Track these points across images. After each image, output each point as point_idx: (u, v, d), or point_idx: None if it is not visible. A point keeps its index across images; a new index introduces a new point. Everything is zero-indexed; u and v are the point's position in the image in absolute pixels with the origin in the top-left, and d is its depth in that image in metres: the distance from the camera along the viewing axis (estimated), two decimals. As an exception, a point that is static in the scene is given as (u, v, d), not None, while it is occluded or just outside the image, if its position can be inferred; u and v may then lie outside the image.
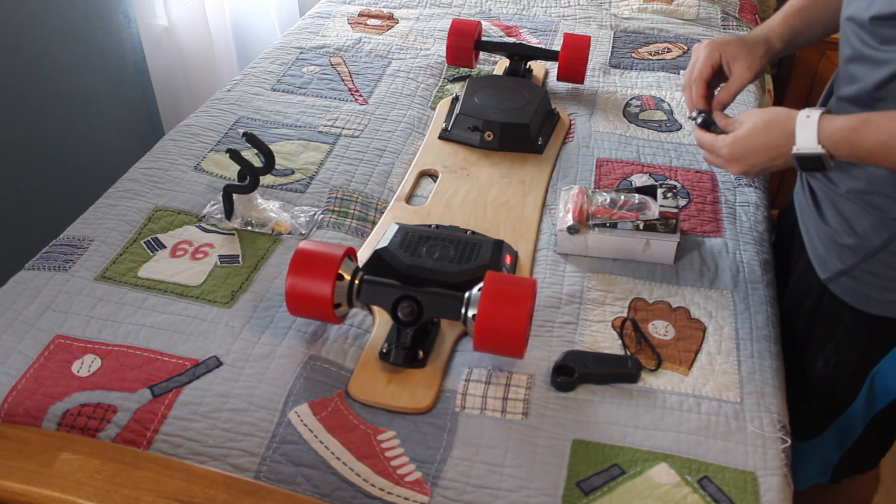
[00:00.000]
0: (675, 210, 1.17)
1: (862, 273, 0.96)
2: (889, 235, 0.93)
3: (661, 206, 1.17)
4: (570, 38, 1.58)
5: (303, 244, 1.00)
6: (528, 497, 0.85)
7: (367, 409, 0.94)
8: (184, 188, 1.29)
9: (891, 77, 0.86)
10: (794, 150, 0.89)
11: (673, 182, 1.33)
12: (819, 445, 1.12)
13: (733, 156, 0.96)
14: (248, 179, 1.19)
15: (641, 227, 1.15)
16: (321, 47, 1.76)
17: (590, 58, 1.69)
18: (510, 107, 1.45)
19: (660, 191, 1.20)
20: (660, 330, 1.06)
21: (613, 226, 1.16)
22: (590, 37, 1.60)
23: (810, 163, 0.89)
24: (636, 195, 1.20)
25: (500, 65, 1.72)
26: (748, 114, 0.97)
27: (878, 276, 0.95)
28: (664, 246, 1.15)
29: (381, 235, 1.15)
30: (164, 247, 1.17)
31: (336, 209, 1.26)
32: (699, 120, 1.03)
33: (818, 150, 0.88)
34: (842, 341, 1.04)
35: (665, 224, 1.15)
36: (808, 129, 0.88)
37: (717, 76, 1.08)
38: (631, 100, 1.59)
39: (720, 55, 1.05)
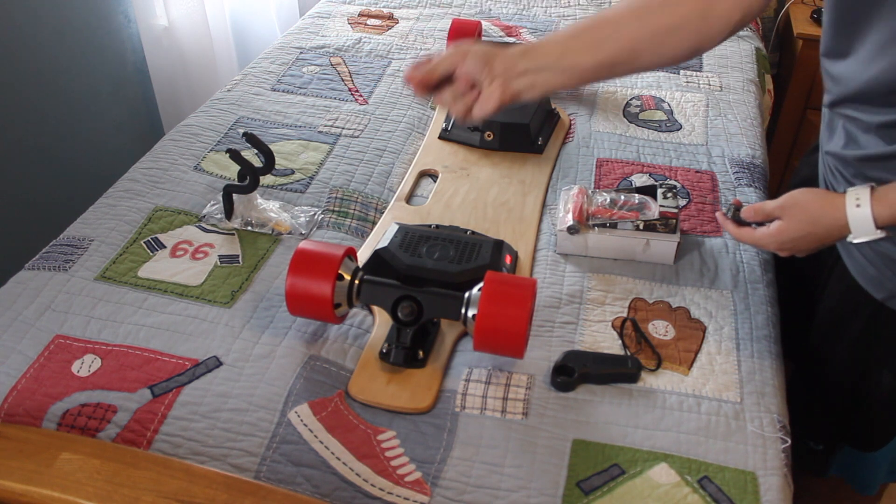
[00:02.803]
0: (675, 210, 1.17)
1: None
2: None
3: (661, 205, 1.17)
4: (570, 38, 1.58)
5: (303, 244, 1.00)
6: (528, 497, 0.85)
7: (367, 409, 0.94)
8: (184, 188, 1.29)
9: None
10: (852, 239, 0.88)
11: (673, 182, 1.33)
12: (886, 453, 1.11)
13: (782, 247, 0.96)
14: (248, 179, 1.19)
15: (641, 226, 1.15)
16: (321, 47, 1.76)
17: (590, 58, 1.68)
18: (510, 107, 1.45)
19: (660, 191, 1.20)
20: (660, 330, 1.06)
21: (613, 226, 1.16)
22: (590, 37, 1.59)
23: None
24: (636, 195, 1.20)
25: (500, 65, 1.72)
26: (787, 208, 0.94)
27: None
28: (664, 246, 1.15)
29: (381, 235, 1.15)
30: (164, 247, 1.17)
31: (336, 209, 1.26)
32: (730, 214, 1.04)
33: (878, 234, 0.86)
34: None
35: (665, 224, 1.15)
36: (862, 220, 0.86)
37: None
38: (631, 100, 1.59)
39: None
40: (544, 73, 0.93)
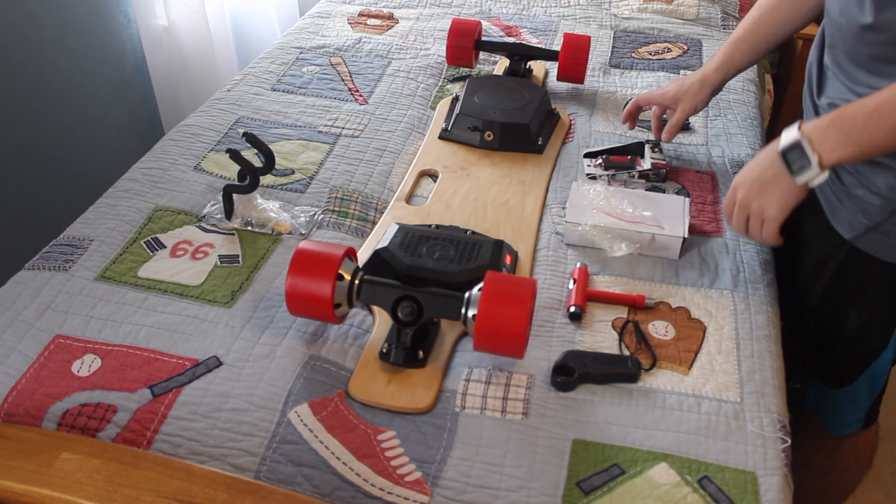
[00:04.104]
0: (664, 161, 1.34)
1: (891, 227, 0.99)
2: None
3: (651, 158, 1.34)
4: (570, 38, 1.58)
5: (303, 244, 1.00)
6: (528, 497, 0.85)
7: (367, 409, 0.94)
8: (184, 188, 1.29)
9: None
10: (779, 148, 0.95)
11: (655, 140, 1.42)
12: (852, 393, 1.16)
13: (734, 183, 1.05)
14: (248, 179, 1.19)
15: (637, 177, 1.32)
16: (321, 47, 1.76)
17: (590, 58, 1.69)
18: (510, 107, 1.45)
19: (647, 146, 1.37)
20: (660, 330, 1.06)
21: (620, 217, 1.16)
22: (590, 37, 1.60)
23: (794, 155, 0.94)
24: (627, 156, 1.36)
25: (500, 65, 1.72)
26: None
27: None
28: (669, 241, 1.16)
29: (381, 235, 1.15)
30: (164, 247, 1.17)
31: (336, 209, 1.26)
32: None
33: (796, 136, 0.93)
34: (874, 294, 1.07)
35: (657, 173, 1.32)
36: (790, 129, 0.95)
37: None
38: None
39: (662, 99, 1.33)
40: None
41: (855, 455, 1.28)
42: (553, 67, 1.71)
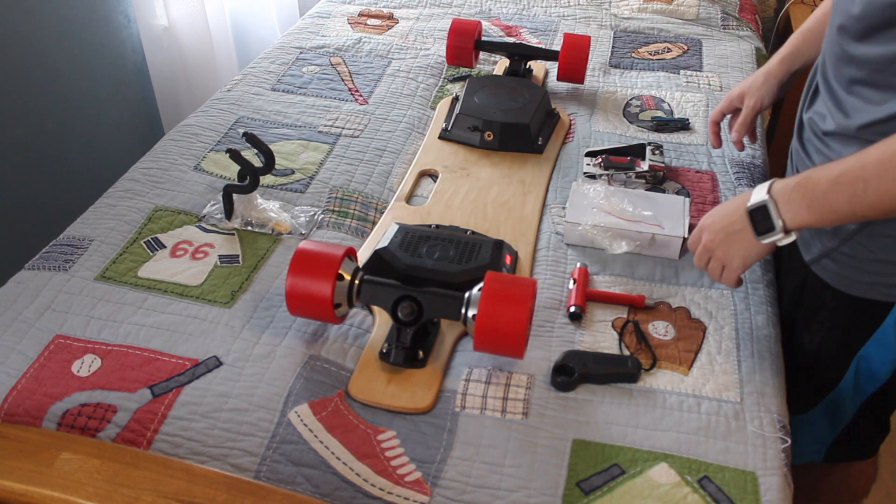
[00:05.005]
0: (663, 164, 1.34)
1: (841, 255, 0.99)
2: None
3: (650, 160, 1.34)
4: (570, 38, 1.58)
5: (303, 244, 1.00)
6: (528, 497, 0.85)
7: (367, 409, 0.94)
8: (184, 188, 1.29)
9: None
10: (747, 206, 0.93)
11: (659, 141, 1.42)
12: (809, 421, 1.14)
13: (701, 223, 1.01)
14: (248, 179, 1.19)
15: (633, 177, 1.32)
16: (321, 47, 1.76)
17: (590, 58, 1.69)
18: (510, 107, 1.45)
19: (648, 148, 1.37)
20: (660, 330, 1.06)
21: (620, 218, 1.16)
22: (590, 37, 1.60)
23: (760, 216, 0.92)
24: (627, 157, 1.35)
25: (500, 65, 1.72)
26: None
27: (856, 258, 0.98)
28: (669, 241, 1.16)
29: (381, 235, 1.15)
30: (164, 247, 1.17)
31: (336, 209, 1.26)
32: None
33: (764, 198, 0.90)
34: (825, 321, 1.07)
35: (654, 175, 1.32)
36: (760, 188, 0.92)
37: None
38: (631, 100, 1.59)
39: (729, 101, 1.29)
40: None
41: (848, 484, 1.26)
42: (553, 67, 1.71)
